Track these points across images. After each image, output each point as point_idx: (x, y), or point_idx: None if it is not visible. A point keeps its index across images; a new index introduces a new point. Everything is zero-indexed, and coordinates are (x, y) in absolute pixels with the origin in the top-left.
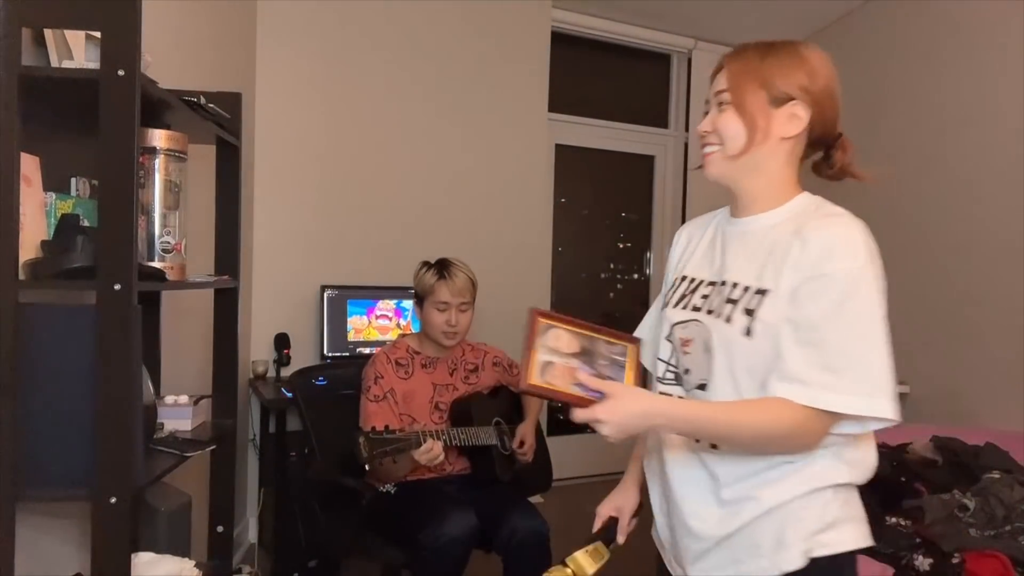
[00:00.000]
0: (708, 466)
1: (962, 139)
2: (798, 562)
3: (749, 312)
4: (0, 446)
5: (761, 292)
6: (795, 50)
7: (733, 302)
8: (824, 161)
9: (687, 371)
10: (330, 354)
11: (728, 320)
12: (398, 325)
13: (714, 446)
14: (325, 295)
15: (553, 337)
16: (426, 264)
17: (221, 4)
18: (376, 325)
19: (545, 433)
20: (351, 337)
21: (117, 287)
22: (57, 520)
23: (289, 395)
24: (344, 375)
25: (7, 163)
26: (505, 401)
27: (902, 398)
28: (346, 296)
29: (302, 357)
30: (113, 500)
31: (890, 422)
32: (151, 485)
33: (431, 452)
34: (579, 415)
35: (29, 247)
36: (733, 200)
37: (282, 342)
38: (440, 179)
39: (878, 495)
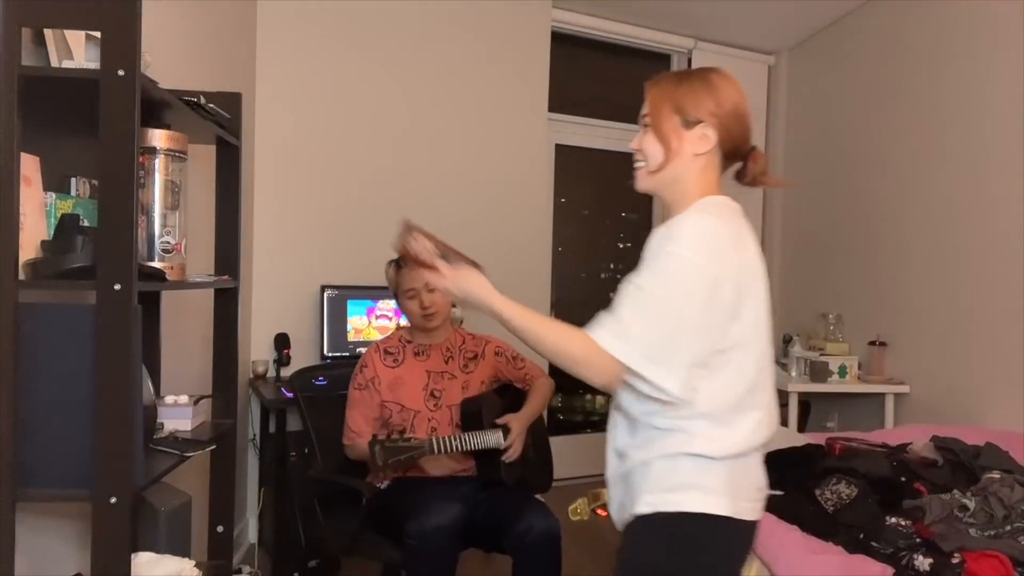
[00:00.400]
0: (614, 423)
1: (963, 139)
2: (645, 509)
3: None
4: (0, 446)
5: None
6: (706, 78)
7: None
8: (741, 171)
9: None
10: (330, 354)
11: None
12: (398, 325)
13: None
14: (325, 295)
15: (422, 242)
16: (389, 261)
17: (221, 4)
18: (376, 325)
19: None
20: (351, 337)
21: (117, 287)
22: (57, 520)
23: (289, 395)
24: (344, 375)
25: (7, 163)
26: (513, 402)
27: (902, 398)
28: (346, 296)
29: (302, 357)
30: (113, 500)
31: (663, 392)
32: (151, 485)
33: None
34: (431, 277)
35: (29, 247)
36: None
37: (282, 342)
38: (440, 179)
39: (878, 495)
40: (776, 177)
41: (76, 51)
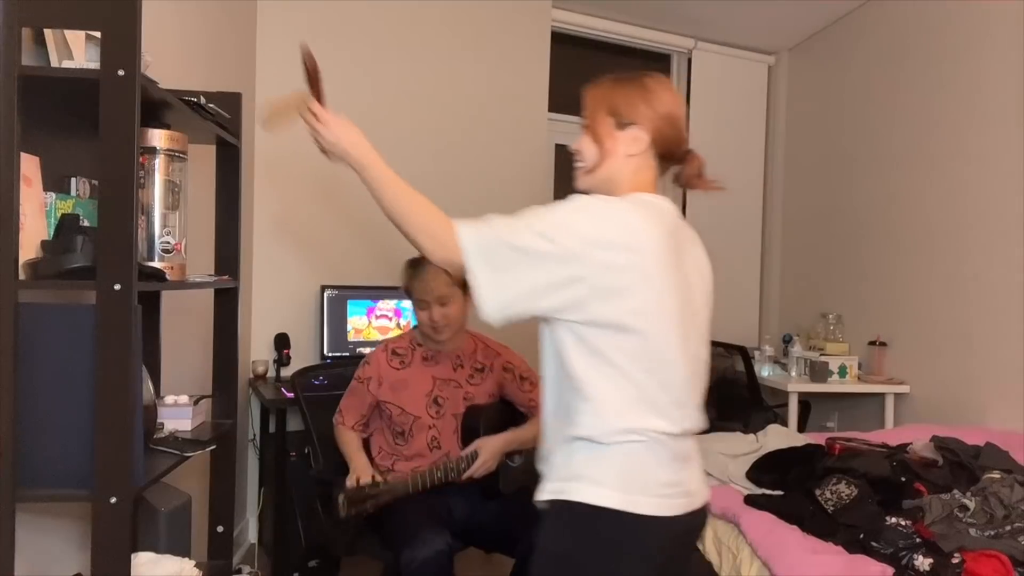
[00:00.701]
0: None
1: (963, 139)
2: (547, 496)
3: None
4: (0, 446)
5: None
6: (641, 83)
7: None
8: (678, 173)
9: None
10: (330, 354)
11: None
12: (398, 325)
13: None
14: (325, 295)
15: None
16: (408, 261)
17: (221, 4)
18: (376, 325)
19: None
20: (351, 337)
21: (117, 287)
22: (57, 520)
23: (290, 395)
24: (344, 375)
25: (7, 163)
26: (517, 417)
27: (902, 398)
28: (346, 296)
29: (302, 357)
30: (113, 500)
31: (479, 297)
32: (151, 485)
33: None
34: (317, 110)
35: (29, 247)
36: None
37: (282, 342)
38: (440, 178)
39: (878, 495)
40: (708, 180)
41: (76, 51)
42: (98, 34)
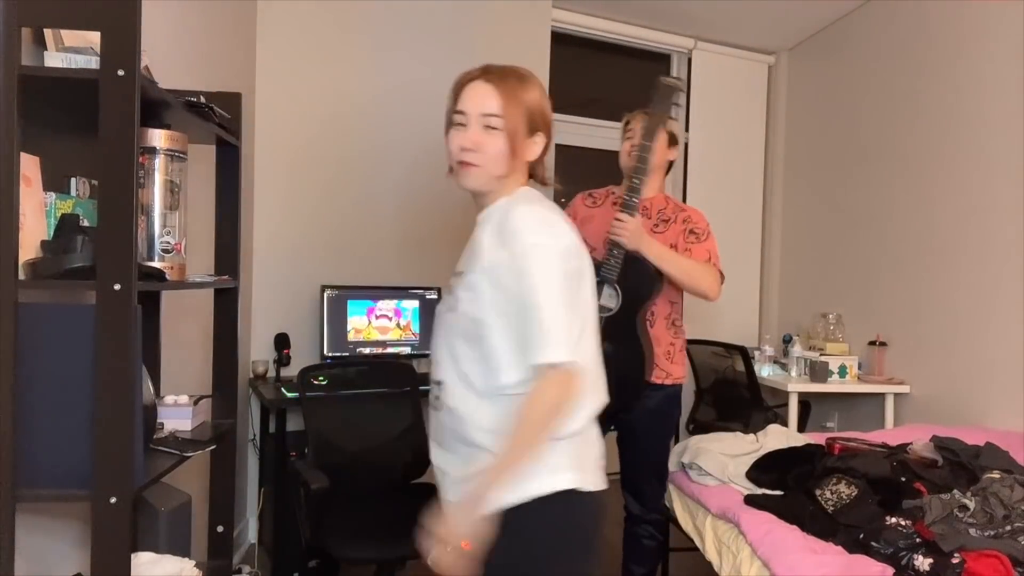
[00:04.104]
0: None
1: (962, 140)
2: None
3: None
4: (0, 446)
5: None
6: (539, 85)
7: None
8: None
9: None
10: (330, 354)
11: None
12: (398, 325)
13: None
14: (325, 295)
15: None
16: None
17: (221, 4)
18: (376, 325)
19: None
20: (351, 337)
21: (117, 287)
22: (57, 520)
23: (290, 395)
24: (345, 375)
25: (7, 163)
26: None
27: (902, 398)
28: (346, 296)
29: (302, 357)
30: (113, 500)
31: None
32: (151, 485)
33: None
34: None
35: (29, 247)
36: None
37: (282, 342)
38: (441, 180)
39: (878, 495)
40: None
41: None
42: (98, 34)
